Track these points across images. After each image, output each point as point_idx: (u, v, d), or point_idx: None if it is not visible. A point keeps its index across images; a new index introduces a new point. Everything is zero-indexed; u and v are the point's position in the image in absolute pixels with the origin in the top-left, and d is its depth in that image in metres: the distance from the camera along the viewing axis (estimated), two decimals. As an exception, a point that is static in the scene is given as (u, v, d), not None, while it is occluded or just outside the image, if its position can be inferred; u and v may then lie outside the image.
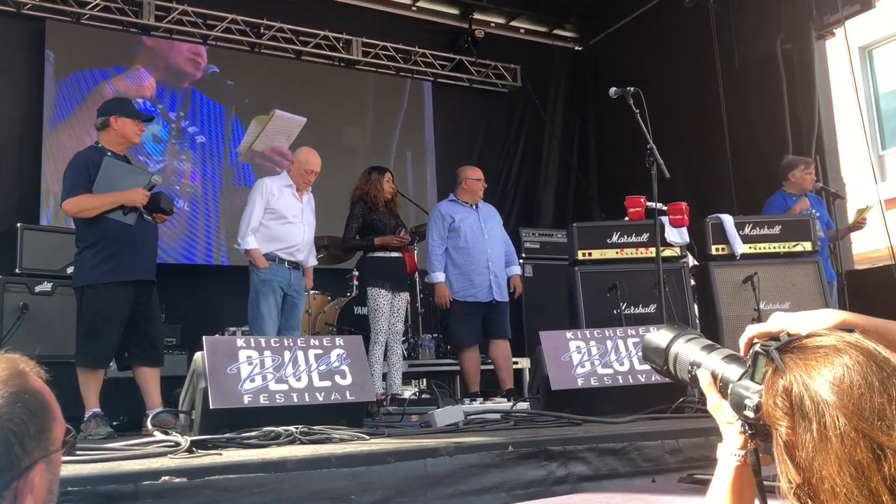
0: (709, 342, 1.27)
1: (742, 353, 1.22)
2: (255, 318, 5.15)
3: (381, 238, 5.69)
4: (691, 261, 6.07)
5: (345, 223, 5.82)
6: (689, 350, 1.27)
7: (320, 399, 3.38)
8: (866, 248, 8.34)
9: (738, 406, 1.12)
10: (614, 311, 5.42)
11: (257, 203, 5.22)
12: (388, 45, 8.68)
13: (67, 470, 2.08)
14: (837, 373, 1.01)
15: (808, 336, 1.09)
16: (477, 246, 5.80)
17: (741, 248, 5.70)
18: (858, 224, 6.10)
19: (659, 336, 1.31)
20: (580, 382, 3.96)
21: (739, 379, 1.15)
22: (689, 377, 1.26)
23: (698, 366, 1.24)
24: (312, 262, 5.56)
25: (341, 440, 2.93)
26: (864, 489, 0.95)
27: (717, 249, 5.75)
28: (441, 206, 6.05)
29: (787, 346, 1.09)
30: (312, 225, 5.49)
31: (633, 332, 4.20)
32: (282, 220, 5.27)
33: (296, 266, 5.32)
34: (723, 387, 1.19)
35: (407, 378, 6.67)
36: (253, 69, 8.05)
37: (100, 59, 7.25)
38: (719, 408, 1.20)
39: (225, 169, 7.79)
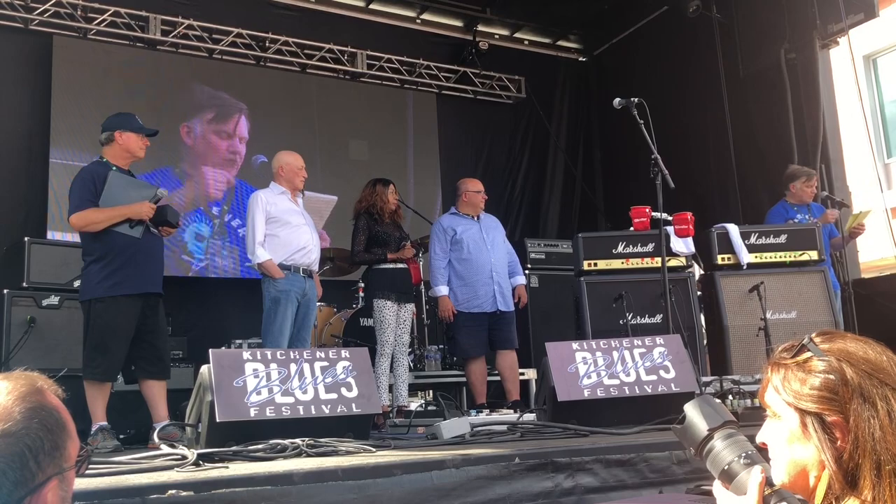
0: (751, 448, 1.28)
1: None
2: (269, 330, 5.13)
3: (393, 254, 5.70)
4: (697, 270, 6.06)
5: (351, 237, 5.83)
6: (727, 455, 1.28)
7: (326, 411, 3.37)
8: (873, 256, 8.33)
9: None
10: (621, 322, 5.42)
11: (258, 215, 5.23)
12: (393, 57, 8.71)
13: (75, 484, 2.08)
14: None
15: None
16: (480, 257, 5.81)
17: (747, 257, 5.69)
18: (856, 230, 6.04)
19: (697, 424, 1.32)
20: (587, 393, 3.94)
21: None
22: (718, 473, 1.28)
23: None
24: (315, 266, 5.55)
25: (347, 453, 2.93)
26: None
27: (722, 259, 5.74)
28: (442, 219, 6.06)
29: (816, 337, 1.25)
30: (314, 225, 5.52)
31: (640, 343, 4.19)
32: (287, 226, 5.28)
33: (309, 275, 5.34)
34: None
35: (413, 390, 6.66)
36: (258, 87, 8.09)
37: (105, 73, 7.30)
38: None
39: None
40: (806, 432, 1.19)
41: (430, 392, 7.30)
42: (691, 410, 1.33)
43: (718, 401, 1.36)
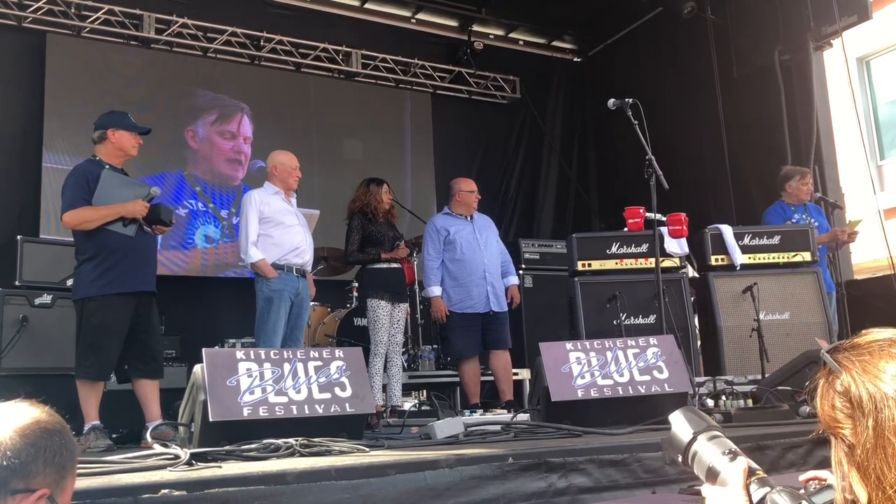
0: (734, 446, 1.29)
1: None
2: (263, 329, 5.11)
3: (387, 254, 5.69)
4: (691, 271, 6.07)
5: (345, 236, 5.82)
6: (711, 454, 1.30)
7: (320, 411, 3.37)
8: (866, 258, 8.35)
9: None
10: (614, 322, 5.43)
11: (251, 215, 5.21)
12: (388, 57, 8.71)
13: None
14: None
15: (861, 335, 1.08)
16: (473, 257, 5.80)
17: (740, 258, 5.71)
18: (850, 236, 6.12)
19: (681, 431, 1.35)
20: (580, 394, 3.95)
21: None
22: (704, 474, 1.31)
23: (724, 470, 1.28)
24: (309, 266, 5.54)
25: (341, 452, 2.92)
26: None
27: (716, 260, 5.75)
28: (435, 219, 6.05)
29: (840, 347, 1.08)
30: (307, 225, 5.51)
31: (634, 343, 4.20)
32: (280, 226, 5.26)
33: (302, 274, 5.33)
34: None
35: (407, 390, 6.65)
36: (253, 86, 8.07)
37: (99, 72, 7.28)
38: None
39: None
40: None
41: (424, 392, 7.31)
42: (676, 419, 1.37)
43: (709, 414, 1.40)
